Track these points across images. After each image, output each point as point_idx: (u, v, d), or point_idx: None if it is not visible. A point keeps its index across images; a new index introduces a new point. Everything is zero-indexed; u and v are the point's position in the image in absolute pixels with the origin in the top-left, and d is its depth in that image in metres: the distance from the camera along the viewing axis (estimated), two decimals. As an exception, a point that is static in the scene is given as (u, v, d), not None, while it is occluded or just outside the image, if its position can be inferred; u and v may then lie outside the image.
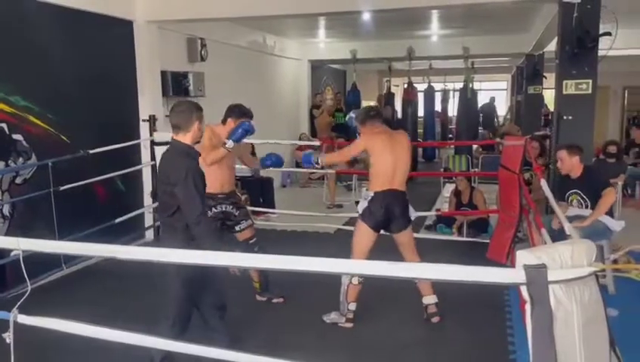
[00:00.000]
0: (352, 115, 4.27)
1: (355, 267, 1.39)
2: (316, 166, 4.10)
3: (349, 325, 3.86)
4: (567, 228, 2.27)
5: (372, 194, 3.74)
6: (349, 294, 3.82)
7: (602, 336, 1.40)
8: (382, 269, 1.35)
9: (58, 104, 5.13)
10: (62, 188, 4.82)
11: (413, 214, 3.92)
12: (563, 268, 1.30)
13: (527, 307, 1.29)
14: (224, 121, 4.03)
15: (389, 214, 3.74)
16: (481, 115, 14.27)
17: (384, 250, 3.73)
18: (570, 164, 4.46)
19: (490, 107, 15.72)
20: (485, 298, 4.10)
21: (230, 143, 3.81)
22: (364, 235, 3.77)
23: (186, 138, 2.94)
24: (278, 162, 4.34)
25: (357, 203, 3.97)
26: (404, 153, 3.78)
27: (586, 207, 4.46)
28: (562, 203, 4.66)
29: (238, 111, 4.03)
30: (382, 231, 3.88)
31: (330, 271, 1.44)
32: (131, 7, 5.99)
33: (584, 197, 4.46)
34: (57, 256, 4.75)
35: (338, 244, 5.97)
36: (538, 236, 3.83)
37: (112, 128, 5.82)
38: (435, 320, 3.90)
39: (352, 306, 3.84)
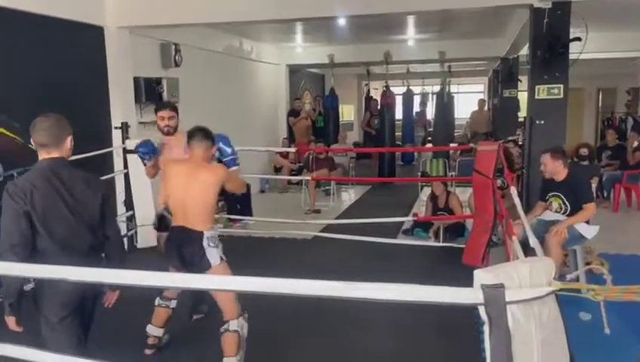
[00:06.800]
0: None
1: (296, 287, 1.35)
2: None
3: None
4: (532, 242, 2.27)
5: None
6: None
7: (562, 354, 1.39)
8: (332, 289, 1.30)
9: (26, 113, 4.94)
10: (30, 198, 4.68)
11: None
12: (522, 287, 1.28)
13: (486, 328, 1.27)
14: None
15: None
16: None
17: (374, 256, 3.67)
18: (553, 168, 4.48)
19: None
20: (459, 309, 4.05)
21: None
22: None
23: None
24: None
25: None
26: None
27: (565, 211, 4.49)
28: (541, 203, 4.70)
29: None
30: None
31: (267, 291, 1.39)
32: (101, 13, 5.89)
33: (565, 201, 4.48)
34: None
35: (315, 251, 5.96)
36: (511, 242, 3.84)
37: (83, 136, 5.57)
38: None
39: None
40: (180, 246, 3.23)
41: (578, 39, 5.07)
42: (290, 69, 11.91)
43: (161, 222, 3.70)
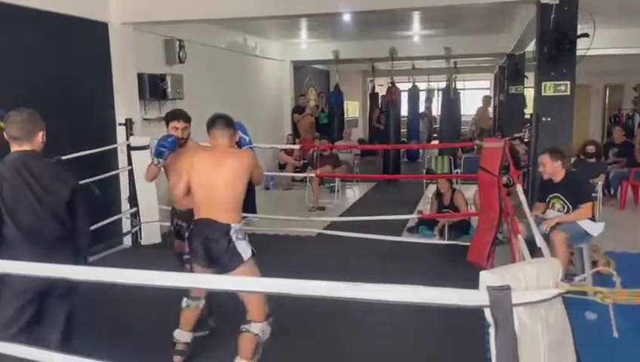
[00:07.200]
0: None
1: (296, 287, 1.32)
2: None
3: None
4: (539, 241, 2.23)
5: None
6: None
7: (569, 357, 1.36)
8: (334, 290, 1.28)
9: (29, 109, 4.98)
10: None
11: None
12: (528, 289, 1.25)
13: (491, 330, 1.25)
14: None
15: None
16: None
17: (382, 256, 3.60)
18: (553, 169, 4.45)
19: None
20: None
21: (155, 160, 3.57)
22: None
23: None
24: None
25: None
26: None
27: (567, 211, 4.46)
28: (540, 203, 4.66)
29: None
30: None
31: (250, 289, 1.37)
32: (105, 9, 5.87)
33: (566, 202, 4.45)
34: None
35: (319, 248, 5.94)
36: (516, 240, 3.80)
37: (87, 133, 5.69)
38: None
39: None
40: (204, 241, 2.93)
41: (585, 35, 5.01)
42: (295, 65, 11.88)
43: (179, 233, 3.61)
